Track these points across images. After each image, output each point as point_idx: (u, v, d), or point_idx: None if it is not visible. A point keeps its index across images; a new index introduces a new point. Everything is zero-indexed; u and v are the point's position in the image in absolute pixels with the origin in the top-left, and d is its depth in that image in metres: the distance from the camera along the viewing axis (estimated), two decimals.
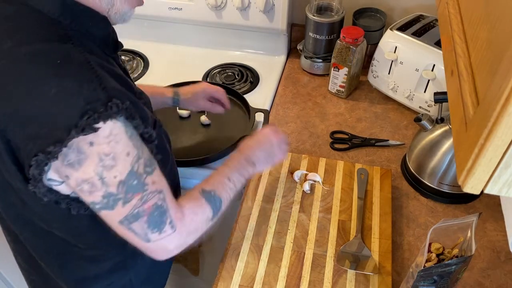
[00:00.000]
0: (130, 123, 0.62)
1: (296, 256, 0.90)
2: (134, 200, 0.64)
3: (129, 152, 0.62)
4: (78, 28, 0.64)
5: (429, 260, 0.75)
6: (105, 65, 0.64)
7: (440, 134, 0.98)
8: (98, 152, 0.60)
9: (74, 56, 0.60)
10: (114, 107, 0.59)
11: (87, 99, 0.58)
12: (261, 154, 0.88)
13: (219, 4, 1.34)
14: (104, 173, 0.61)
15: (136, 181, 0.63)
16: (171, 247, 0.70)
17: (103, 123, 0.58)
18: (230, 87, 1.28)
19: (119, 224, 0.65)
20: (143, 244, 0.68)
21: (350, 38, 1.19)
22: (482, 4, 0.53)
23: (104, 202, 0.63)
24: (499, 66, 0.42)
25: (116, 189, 0.62)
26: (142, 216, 0.65)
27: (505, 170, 0.43)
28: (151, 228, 0.66)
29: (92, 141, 0.59)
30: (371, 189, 1.02)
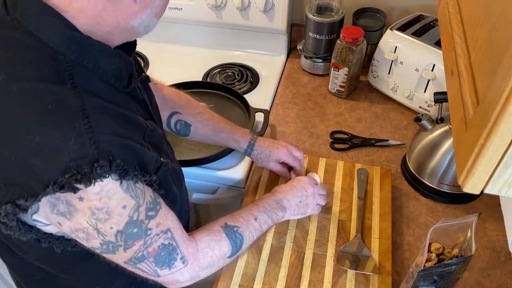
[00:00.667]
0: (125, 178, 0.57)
1: (296, 256, 0.90)
2: (136, 246, 0.61)
3: (125, 205, 0.58)
4: (85, 64, 0.58)
5: (429, 260, 0.75)
6: (108, 107, 0.59)
7: (440, 134, 0.98)
8: (90, 207, 0.56)
9: (68, 101, 0.55)
10: (99, 169, 0.53)
11: (72, 154, 0.53)
12: (294, 200, 0.87)
13: (219, 4, 1.34)
14: (99, 225, 0.57)
15: (136, 229, 0.60)
16: (183, 279, 0.69)
17: (85, 186, 0.53)
18: (230, 87, 1.28)
19: (125, 263, 0.63)
20: (154, 278, 0.66)
21: (350, 38, 1.19)
22: (482, 4, 0.53)
23: (103, 248, 0.60)
24: (499, 66, 0.42)
25: (114, 238, 0.59)
26: (148, 258, 0.63)
27: (505, 170, 0.43)
28: (159, 266, 0.64)
29: (82, 196, 0.54)
30: (371, 189, 1.02)
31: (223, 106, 1.24)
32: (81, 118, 0.54)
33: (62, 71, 0.56)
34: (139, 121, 0.65)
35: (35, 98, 0.54)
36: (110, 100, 0.60)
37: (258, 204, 0.82)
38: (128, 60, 0.64)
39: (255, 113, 1.18)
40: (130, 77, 0.65)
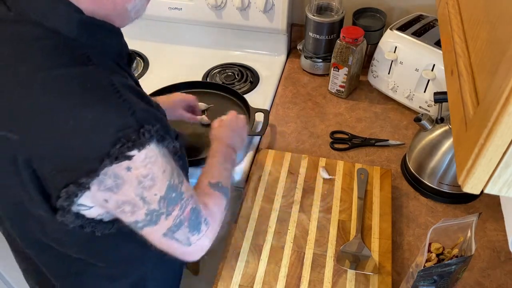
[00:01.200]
0: (161, 144, 0.62)
1: (296, 256, 0.90)
2: (175, 211, 0.65)
3: (164, 169, 0.62)
4: (95, 45, 0.61)
5: (429, 260, 0.75)
6: (126, 83, 0.61)
7: (440, 134, 0.98)
8: (137, 176, 0.59)
9: (97, 80, 0.57)
10: (146, 134, 0.58)
11: (118, 126, 0.56)
12: (237, 139, 0.95)
13: (219, 4, 1.34)
14: (145, 193, 0.60)
15: (174, 194, 0.64)
16: (207, 243, 0.73)
17: (138, 151, 0.57)
18: (230, 87, 1.28)
19: (163, 236, 0.66)
20: (184, 249, 0.70)
21: (350, 38, 1.19)
22: (482, 4, 0.53)
23: (147, 219, 0.63)
24: (499, 66, 0.42)
25: (157, 205, 0.62)
26: (184, 223, 0.67)
27: (505, 170, 0.43)
28: (191, 232, 0.68)
29: (129, 166, 0.58)
30: (371, 189, 1.02)
31: (223, 106, 1.24)
32: (114, 93, 0.57)
33: (78, 54, 0.58)
34: (148, 97, 0.67)
35: (64, 83, 0.56)
36: (123, 76, 0.63)
37: (217, 156, 0.87)
38: (125, 41, 0.69)
39: (255, 113, 1.18)
40: (129, 56, 0.71)
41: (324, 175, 1.04)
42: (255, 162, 1.10)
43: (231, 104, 1.25)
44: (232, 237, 0.94)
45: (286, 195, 1.01)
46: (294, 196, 1.01)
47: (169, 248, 0.69)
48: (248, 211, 0.98)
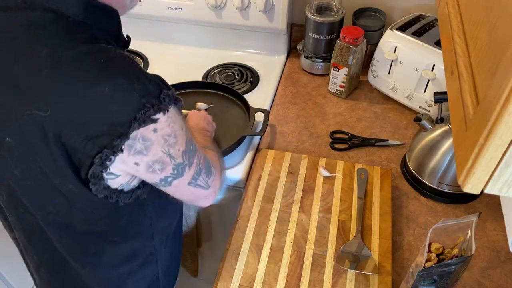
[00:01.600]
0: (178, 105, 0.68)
1: (296, 256, 0.90)
2: (195, 160, 0.73)
3: (182, 127, 0.69)
4: (100, 27, 0.65)
5: (429, 260, 0.75)
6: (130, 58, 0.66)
7: (440, 134, 0.98)
8: (163, 135, 0.65)
9: (111, 54, 0.62)
10: (166, 98, 0.63)
11: (140, 93, 0.60)
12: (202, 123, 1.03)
13: (219, 4, 1.34)
14: (171, 150, 0.67)
15: (191, 146, 0.72)
16: (219, 184, 0.83)
17: (163, 114, 0.63)
18: (230, 87, 1.28)
19: (188, 185, 0.74)
20: (205, 193, 0.79)
21: (350, 38, 1.19)
22: (482, 4, 0.53)
23: (175, 173, 0.70)
24: (499, 66, 0.42)
25: (182, 159, 0.70)
26: (203, 170, 0.76)
27: (505, 170, 0.43)
28: (208, 175, 0.78)
29: (156, 128, 0.63)
30: (371, 189, 1.02)
31: (223, 106, 1.24)
32: (130, 64, 0.63)
33: (90, 35, 0.63)
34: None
35: (88, 57, 0.60)
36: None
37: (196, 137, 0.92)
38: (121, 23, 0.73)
39: (255, 113, 1.18)
40: (126, 37, 0.76)
41: (325, 173, 1.04)
42: (255, 162, 1.10)
43: (231, 104, 1.25)
44: (232, 237, 0.94)
45: (286, 195, 1.01)
46: (294, 196, 1.01)
47: (193, 195, 0.77)
48: (248, 211, 0.98)
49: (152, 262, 0.88)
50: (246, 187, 1.04)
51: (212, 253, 1.33)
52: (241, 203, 1.01)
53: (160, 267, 0.91)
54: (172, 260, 0.98)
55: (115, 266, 0.84)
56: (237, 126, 1.18)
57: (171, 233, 0.92)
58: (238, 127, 1.17)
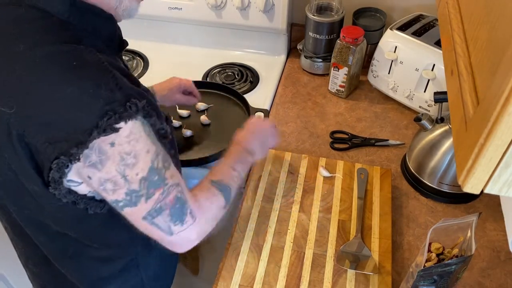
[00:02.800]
0: (147, 121, 0.63)
1: (296, 256, 0.90)
2: (156, 194, 0.65)
3: (148, 149, 0.63)
4: (86, 28, 0.64)
5: (429, 260, 0.75)
6: (115, 64, 0.64)
7: (440, 134, 0.98)
8: (120, 152, 0.60)
9: (87, 57, 0.60)
10: (133, 107, 0.60)
11: (106, 99, 0.58)
12: (257, 143, 0.92)
13: (219, 3, 1.34)
14: (127, 171, 0.62)
15: (157, 177, 0.65)
16: (193, 237, 0.72)
17: (124, 123, 0.59)
18: (230, 87, 1.28)
19: (143, 220, 0.66)
20: (166, 238, 0.69)
21: (350, 38, 1.19)
22: (482, 4, 0.53)
23: (127, 199, 0.64)
24: (499, 66, 0.42)
25: (138, 186, 0.63)
26: (165, 210, 0.67)
27: (505, 170, 0.43)
28: (173, 221, 0.68)
29: (113, 141, 0.59)
30: (371, 189, 1.02)
31: (223, 106, 1.24)
32: (103, 69, 0.60)
33: (72, 34, 0.62)
34: (138, 81, 0.70)
35: (59, 58, 0.59)
36: (112, 58, 0.66)
37: (230, 156, 0.86)
38: (119, 27, 0.72)
39: (255, 112, 1.18)
40: (121, 41, 0.73)
41: (325, 173, 1.04)
42: (255, 162, 1.09)
43: (231, 104, 1.25)
44: (232, 237, 0.94)
45: (286, 195, 1.01)
46: (294, 196, 1.01)
47: (150, 233, 0.69)
48: (248, 211, 0.98)
49: (133, 267, 0.86)
50: (246, 187, 1.04)
51: (212, 253, 1.33)
52: (241, 203, 1.01)
53: (145, 274, 0.88)
54: (164, 267, 0.95)
55: (94, 269, 0.82)
56: (237, 126, 1.17)
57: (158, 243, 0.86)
58: (238, 127, 1.17)
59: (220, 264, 0.90)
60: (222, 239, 1.08)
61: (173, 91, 1.10)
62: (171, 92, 1.10)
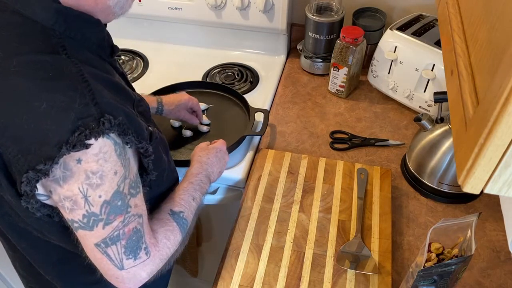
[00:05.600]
0: (121, 139, 0.60)
1: (296, 256, 0.90)
2: (116, 222, 0.62)
3: (116, 171, 0.60)
4: (73, 35, 0.62)
5: (429, 260, 0.75)
6: (100, 75, 0.62)
7: (440, 134, 0.98)
8: (85, 170, 0.58)
9: (66, 68, 0.58)
10: (106, 123, 0.57)
11: (78, 114, 0.56)
12: (217, 171, 0.92)
13: (219, 4, 1.34)
14: (89, 191, 0.59)
15: (120, 202, 0.61)
16: (144, 275, 0.68)
17: (95, 139, 0.57)
18: (230, 87, 1.28)
19: (95, 246, 0.63)
20: (115, 271, 0.65)
21: (350, 38, 1.19)
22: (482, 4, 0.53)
23: (84, 221, 0.61)
24: (499, 66, 0.42)
25: (99, 210, 0.60)
26: (121, 240, 0.63)
27: (505, 170, 0.43)
28: (127, 254, 0.64)
29: (80, 158, 0.57)
30: (371, 189, 1.02)
31: (223, 106, 1.24)
32: (82, 82, 0.58)
33: (54, 43, 0.60)
34: (127, 90, 0.68)
35: (36, 68, 0.57)
36: (100, 68, 0.64)
37: (193, 181, 0.84)
38: (108, 32, 0.69)
39: (255, 113, 1.18)
40: (112, 47, 0.70)
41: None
42: (255, 162, 1.10)
43: (231, 104, 1.25)
44: (232, 237, 0.94)
45: (286, 195, 1.01)
46: (294, 196, 1.01)
47: (99, 264, 0.65)
48: (248, 211, 0.98)
49: None
50: (246, 187, 1.04)
51: (212, 253, 1.33)
52: (241, 203, 1.01)
53: None
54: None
55: (79, 276, 0.80)
56: (237, 126, 1.18)
57: None
58: (238, 127, 1.17)
59: (220, 264, 0.90)
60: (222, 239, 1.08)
61: (180, 107, 1.11)
62: (177, 108, 1.11)
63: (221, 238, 1.25)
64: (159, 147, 0.75)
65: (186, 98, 1.11)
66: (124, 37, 1.54)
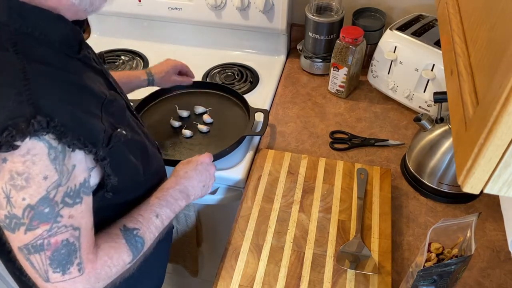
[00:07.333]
0: (59, 142, 0.57)
1: (296, 256, 0.90)
2: (40, 229, 0.57)
3: (47, 176, 0.56)
4: (29, 31, 0.59)
5: (428, 260, 0.75)
6: (55, 74, 0.60)
7: (440, 134, 0.98)
8: (10, 170, 0.55)
9: (10, 64, 0.56)
10: (36, 125, 0.54)
11: (10, 113, 0.54)
12: (199, 185, 0.85)
13: (218, 4, 1.34)
14: (12, 192, 0.56)
15: (48, 209, 0.57)
16: None
17: (21, 141, 0.54)
18: (230, 87, 1.28)
19: (18, 251, 0.59)
20: (41, 282, 0.61)
21: (349, 38, 1.19)
22: (482, 4, 0.53)
23: (6, 222, 0.57)
24: (498, 66, 0.42)
25: (21, 213, 0.56)
26: (45, 250, 0.59)
27: (504, 170, 0.43)
28: (53, 266, 0.59)
29: (6, 157, 0.54)
30: (371, 189, 1.02)
31: (223, 106, 1.24)
32: (21, 79, 0.56)
33: (5, 39, 0.58)
34: (94, 90, 0.65)
35: None
36: (61, 67, 0.61)
37: (160, 197, 0.77)
38: (75, 27, 0.65)
39: (254, 113, 1.18)
40: (80, 43, 0.66)
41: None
42: (255, 162, 1.10)
43: (231, 104, 1.25)
44: (232, 237, 0.94)
45: (286, 195, 1.01)
46: (294, 196, 1.01)
47: (25, 268, 0.61)
48: (248, 211, 0.98)
49: None
50: (246, 187, 1.04)
51: (212, 253, 1.33)
52: (241, 203, 1.01)
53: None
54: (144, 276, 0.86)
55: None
56: (237, 126, 1.18)
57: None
58: (238, 127, 1.17)
59: (220, 264, 0.90)
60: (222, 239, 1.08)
61: (169, 73, 1.15)
62: (167, 74, 1.14)
63: (221, 238, 1.25)
64: (125, 150, 0.70)
65: (173, 63, 1.16)
66: (124, 37, 1.54)
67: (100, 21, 1.55)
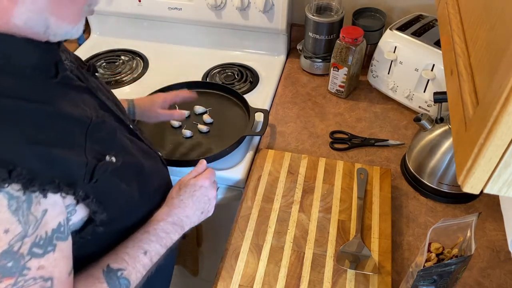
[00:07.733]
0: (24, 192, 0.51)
1: (296, 256, 0.90)
2: (3, 284, 0.52)
3: (8, 229, 0.50)
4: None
5: (428, 260, 0.75)
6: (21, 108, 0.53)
7: (440, 134, 0.98)
8: None
9: None
10: None
11: None
12: (196, 213, 0.79)
13: (218, 4, 1.34)
14: None
15: (12, 263, 0.51)
16: None
17: None
18: (230, 87, 1.28)
19: None
20: None
21: (349, 38, 1.19)
22: (482, 4, 0.53)
23: None
24: (498, 66, 0.42)
25: None
26: None
27: (504, 170, 0.43)
28: None
29: None
30: (371, 189, 1.02)
31: (223, 106, 1.24)
32: None
33: None
34: (75, 117, 0.59)
35: None
36: (32, 98, 0.55)
37: (150, 231, 0.71)
38: (49, 47, 0.59)
39: (254, 113, 1.18)
40: (56, 65, 0.60)
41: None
42: (255, 162, 1.10)
43: (231, 104, 1.25)
44: (232, 237, 0.94)
45: (286, 195, 1.01)
46: (294, 196, 1.01)
47: None
48: (248, 211, 0.98)
49: None
50: (246, 187, 1.04)
51: (212, 253, 1.33)
52: (241, 203, 1.01)
53: None
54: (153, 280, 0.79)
55: None
56: (237, 126, 1.18)
57: None
58: (238, 127, 1.17)
59: (220, 264, 0.90)
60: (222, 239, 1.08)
61: (154, 103, 1.02)
62: (149, 111, 1.01)
63: (221, 238, 1.25)
64: (114, 179, 0.64)
65: (160, 99, 1.02)
66: (124, 37, 1.55)
67: (100, 21, 1.55)
